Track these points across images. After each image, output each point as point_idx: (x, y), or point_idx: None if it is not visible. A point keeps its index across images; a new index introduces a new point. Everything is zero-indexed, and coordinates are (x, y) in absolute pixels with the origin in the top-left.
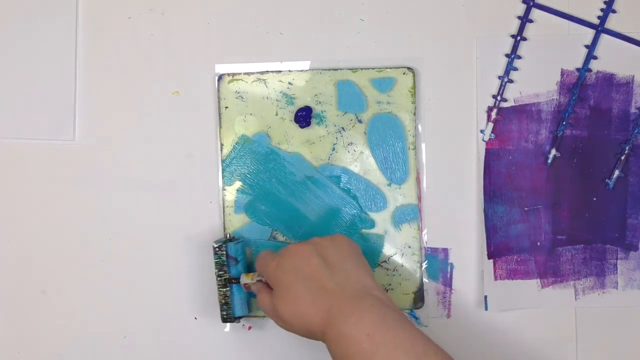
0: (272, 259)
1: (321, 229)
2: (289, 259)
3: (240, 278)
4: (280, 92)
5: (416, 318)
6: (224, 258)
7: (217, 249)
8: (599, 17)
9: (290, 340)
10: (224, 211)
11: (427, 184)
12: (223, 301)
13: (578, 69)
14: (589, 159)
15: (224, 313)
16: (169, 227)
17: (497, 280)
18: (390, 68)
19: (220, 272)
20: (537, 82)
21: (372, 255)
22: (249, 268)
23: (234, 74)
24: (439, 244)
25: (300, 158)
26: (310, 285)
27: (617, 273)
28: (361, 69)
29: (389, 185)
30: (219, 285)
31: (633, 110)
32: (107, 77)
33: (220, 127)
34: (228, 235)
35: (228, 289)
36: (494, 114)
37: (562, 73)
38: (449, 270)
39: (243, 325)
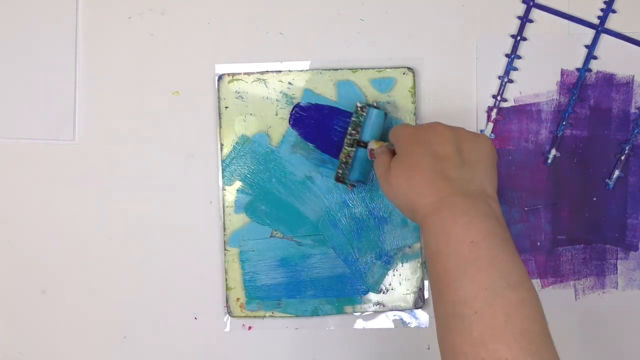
0: (410, 127)
1: (321, 229)
2: (427, 133)
3: (369, 143)
4: (280, 92)
5: (416, 318)
6: (361, 119)
7: (360, 109)
8: (599, 17)
9: (290, 340)
10: (224, 211)
11: None
12: (344, 160)
13: (578, 69)
14: (589, 159)
15: (340, 172)
16: (169, 227)
17: None
18: (390, 68)
19: (353, 132)
20: (537, 82)
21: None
22: (382, 139)
23: (234, 74)
24: None
25: (300, 158)
26: (436, 166)
27: (617, 273)
28: (361, 69)
29: None
30: (346, 143)
31: (633, 110)
32: (107, 77)
33: (220, 127)
34: (375, 103)
35: (354, 149)
36: (494, 114)
37: (562, 73)
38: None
39: (243, 325)
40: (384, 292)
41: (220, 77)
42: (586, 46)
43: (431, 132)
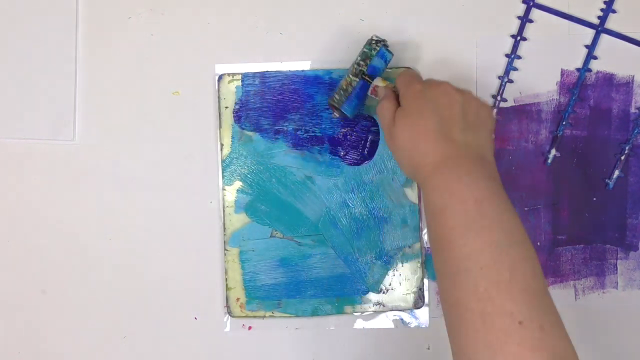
0: (419, 82)
1: (321, 229)
2: (436, 91)
3: (376, 79)
4: None
5: (416, 318)
6: (373, 53)
7: (375, 43)
8: (599, 17)
9: (290, 340)
10: (224, 211)
11: None
12: (344, 87)
13: (578, 69)
14: (589, 159)
15: (337, 97)
16: (169, 227)
17: None
18: (391, 68)
19: (361, 62)
20: (537, 82)
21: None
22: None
23: (234, 74)
24: None
25: (300, 158)
26: (442, 126)
27: (617, 273)
28: None
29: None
30: (351, 72)
31: (633, 110)
32: (107, 77)
33: (220, 127)
34: (387, 44)
35: (357, 79)
36: (494, 114)
37: (562, 73)
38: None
39: (243, 325)
40: (384, 292)
41: (220, 77)
42: (586, 46)
43: (440, 91)
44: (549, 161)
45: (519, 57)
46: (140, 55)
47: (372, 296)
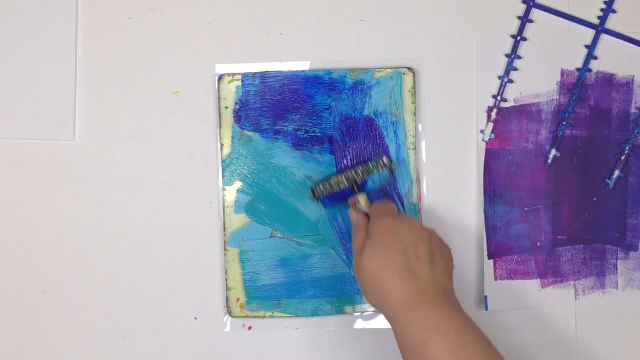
0: (392, 215)
1: (321, 229)
2: (406, 228)
3: (360, 194)
4: None
5: None
6: (372, 169)
7: (382, 165)
8: (599, 17)
9: (290, 340)
10: (224, 211)
11: (427, 184)
12: (332, 184)
13: (578, 69)
14: (589, 159)
15: (321, 188)
16: (169, 227)
17: (497, 280)
18: (390, 68)
19: (360, 174)
20: (537, 82)
21: None
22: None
23: (234, 74)
24: None
25: (300, 158)
26: (410, 264)
27: (617, 273)
28: (361, 69)
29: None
30: (346, 175)
31: (633, 110)
32: (107, 77)
33: (220, 127)
34: (391, 164)
35: (345, 185)
36: (494, 114)
37: (562, 73)
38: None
39: (243, 325)
40: None
41: (220, 77)
42: (586, 46)
43: (410, 229)
44: (549, 161)
45: (519, 57)
46: (140, 55)
47: None
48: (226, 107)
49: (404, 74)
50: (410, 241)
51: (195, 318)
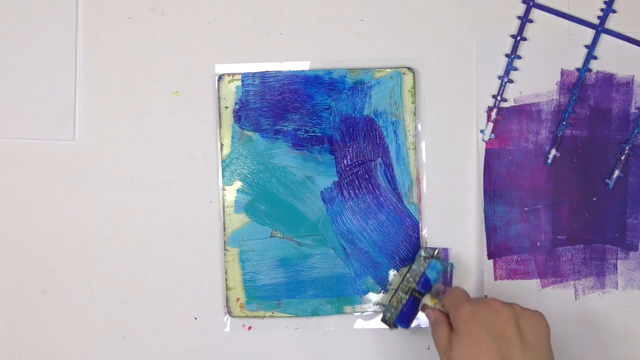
0: (468, 302)
1: (321, 229)
2: (487, 312)
3: (425, 297)
4: None
5: (416, 318)
6: (422, 269)
7: (424, 260)
8: (599, 17)
9: (290, 340)
10: (224, 211)
11: (427, 184)
12: (395, 304)
13: (578, 69)
14: (589, 159)
15: (388, 314)
16: (169, 227)
17: (497, 280)
18: (390, 68)
19: (411, 279)
20: (537, 82)
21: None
22: (436, 292)
23: (234, 74)
24: (439, 244)
25: (300, 158)
26: (500, 349)
27: (617, 273)
28: (361, 69)
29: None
30: (401, 289)
31: (633, 110)
32: (107, 77)
33: (220, 127)
34: (436, 252)
35: (407, 297)
36: (494, 114)
37: (562, 73)
38: (449, 270)
39: (243, 325)
40: (384, 292)
41: (220, 77)
42: (586, 46)
43: (491, 311)
44: (549, 161)
45: (519, 57)
46: (140, 55)
47: (372, 296)
48: (226, 107)
49: (404, 74)
50: (495, 325)
51: (195, 318)
